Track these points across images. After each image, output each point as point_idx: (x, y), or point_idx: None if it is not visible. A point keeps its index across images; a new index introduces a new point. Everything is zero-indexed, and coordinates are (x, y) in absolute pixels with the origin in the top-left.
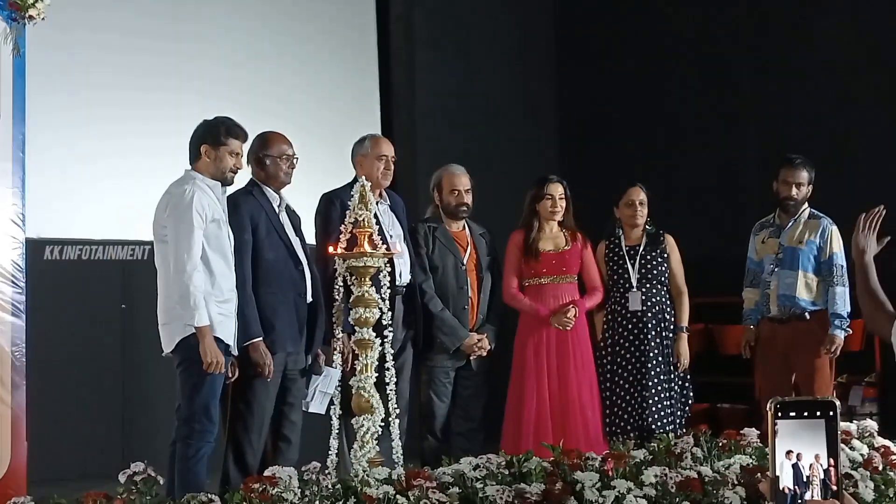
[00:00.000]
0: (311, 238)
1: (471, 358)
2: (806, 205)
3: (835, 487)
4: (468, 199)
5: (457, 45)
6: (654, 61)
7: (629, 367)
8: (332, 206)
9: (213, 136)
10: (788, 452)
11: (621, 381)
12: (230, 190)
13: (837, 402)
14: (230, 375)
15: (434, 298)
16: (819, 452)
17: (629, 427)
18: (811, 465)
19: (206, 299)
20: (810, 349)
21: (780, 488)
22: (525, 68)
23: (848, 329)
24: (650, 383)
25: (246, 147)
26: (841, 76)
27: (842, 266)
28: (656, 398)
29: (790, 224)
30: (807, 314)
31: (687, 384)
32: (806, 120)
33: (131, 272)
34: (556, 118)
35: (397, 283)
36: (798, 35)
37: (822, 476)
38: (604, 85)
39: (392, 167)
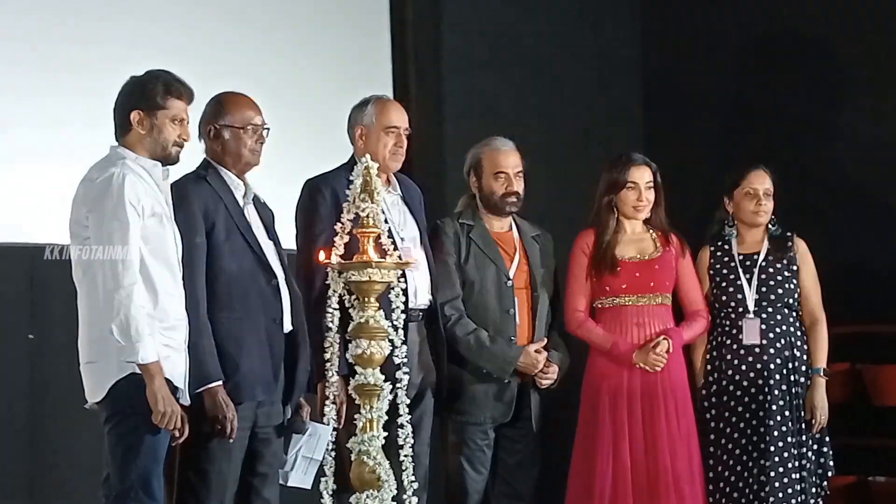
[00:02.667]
0: (289, 242)
1: (523, 395)
2: None
3: None
4: (519, 186)
5: None
6: None
7: (742, 424)
8: (321, 197)
9: (145, 97)
10: None
11: (731, 446)
12: (175, 173)
13: None
14: (178, 434)
15: (464, 319)
16: None
17: None
18: None
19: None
20: None
21: None
22: (596, 7)
23: None
24: (773, 448)
25: (196, 114)
26: None
27: None
28: (780, 469)
29: None
30: None
31: (825, 449)
32: None
33: (43, 289)
34: (640, 75)
35: (411, 304)
36: None
37: None
38: (708, 23)
39: (405, 144)
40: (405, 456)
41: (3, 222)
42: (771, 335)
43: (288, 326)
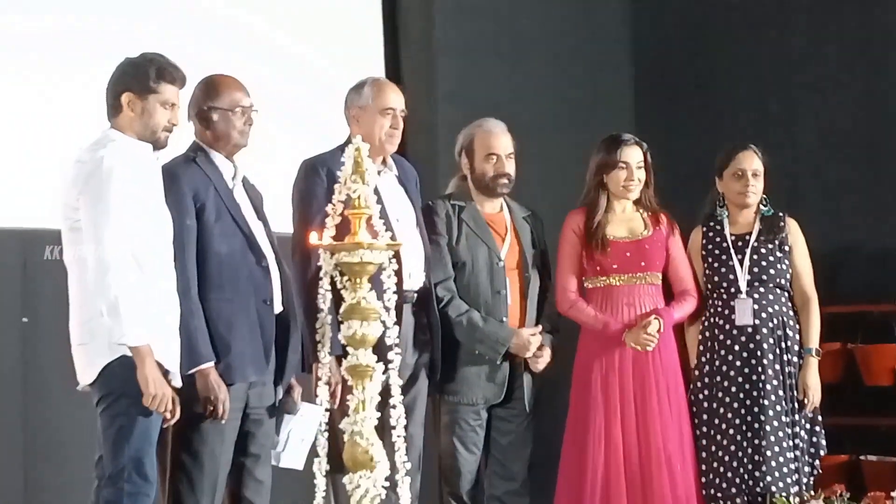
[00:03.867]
0: (281, 224)
1: (515, 376)
2: None
3: None
4: (510, 167)
5: None
6: None
7: (735, 404)
8: (317, 178)
9: (138, 80)
10: None
11: (724, 426)
12: (164, 157)
13: None
14: (169, 416)
15: (455, 300)
16: None
17: (735, 490)
18: None
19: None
20: None
21: None
22: None
23: None
24: (766, 428)
25: (186, 98)
26: None
27: None
28: (775, 449)
29: None
30: None
31: (817, 428)
32: None
33: (35, 272)
34: (631, 56)
35: (405, 286)
36: None
37: None
38: (697, 6)
39: (401, 125)
40: (398, 437)
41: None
42: (763, 315)
43: (278, 307)
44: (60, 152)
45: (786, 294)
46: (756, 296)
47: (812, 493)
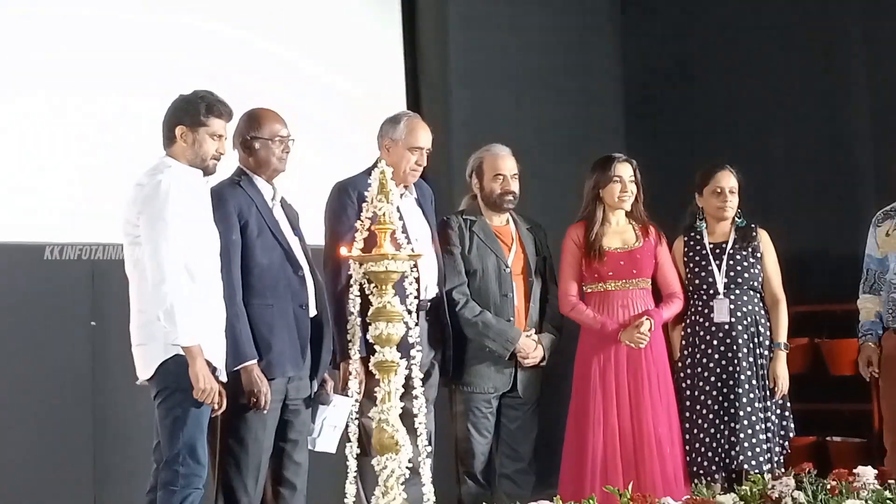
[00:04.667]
0: (314, 238)
1: (520, 368)
2: None
3: None
4: (515, 186)
5: None
6: (744, 12)
7: (714, 392)
8: (347, 199)
9: (190, 115)
10: None
11: (705, 411)
12: (212, 181)
13: None
14: (217, 406)
15: (470, 303)
16: None
17: (714, 467)
18: None
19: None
20: None
21: None
22: (584, 22)
23: None
24: (741, 413)
25: (231, 128)
26: None
27: None
28: (749, 431)
29: None
30: None
31: (787, 413)
32: None
33: (102, 282)
34: (621, 85)
35: (421, 296)
36: None
37: None
38: (680, 43)
39: (425, 162)
40: (419, 423)
41: (67, 223)
42: (738, 314)
43: (313, 311)
44: (123, 176)
45: (758, 295)
46: (732, 297)
47: (783, 470)
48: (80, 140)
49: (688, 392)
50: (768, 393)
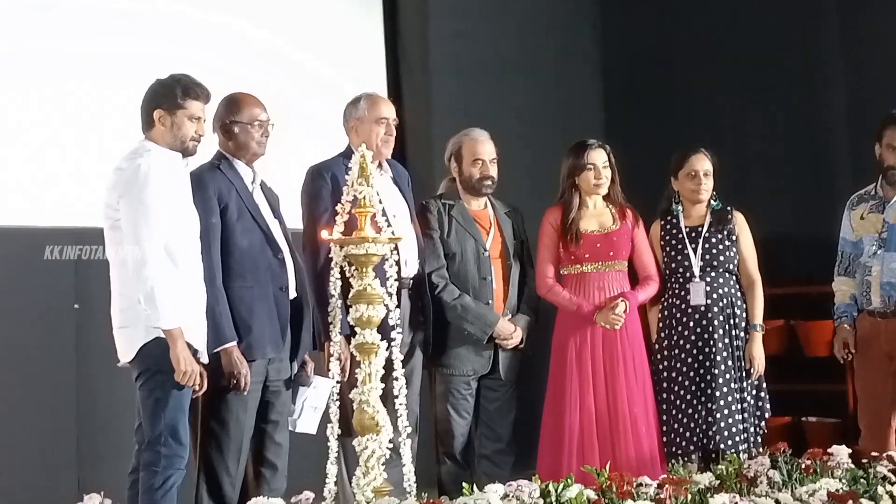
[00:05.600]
0: (295, 221)
1: (499, 350)
2: None
3: None
4: (493, 170)
5: None
6: None
7: (691, 373)
8: (322, 182)
9: (167, 97)
10: None
11: (682, 392)
12: (192, 164)
13: None
14: (198, 388)
15: (449, 286)
16: None
17: (691, 447)
18: None
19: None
20: None
21: None
22: (563, 9)
23: None
24: (717, 394)
25: (210, 110)
26: None
27: None
28: (725, 412)
29: None
30: None
31: (762, 394)
32: None
33: (85, 265)
34: (600, 70)
35: (402, 274)
36: None
37: None
38: (658, 29)
39: (394, 132)
40: (399, 405)
41: (51, 208)
42: (714, 296)
43: (293, 293)
44: (104, 159)
45: (734, 277)
46: (708, 279)
47: (760, 450)
48: (65, 126)
49: (665, 373)
50: (744, 374)
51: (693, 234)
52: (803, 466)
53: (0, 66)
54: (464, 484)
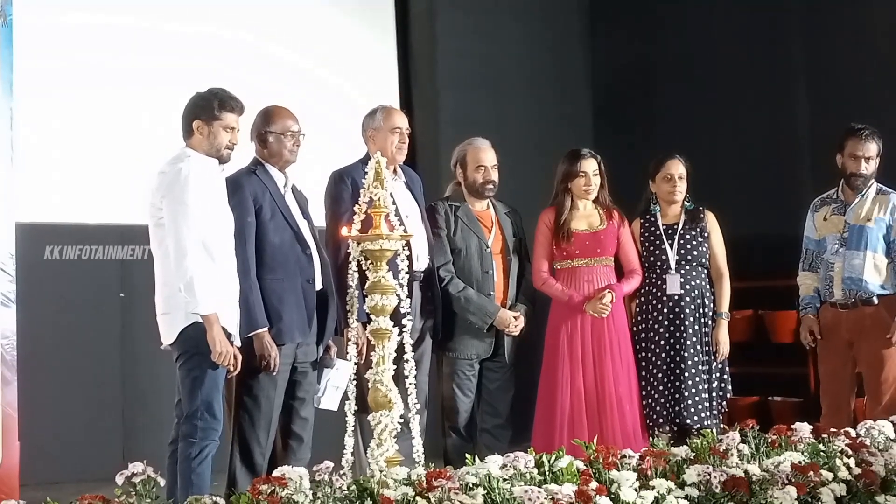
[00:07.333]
0: (319, 220)
1: (504, 337)
2: (873, 179)
3: None
4: (495, 176)
5: (481, 5)
6: (697, 22)
7: (664, 356)
8: (343, 185)
9: (205, 110)
10: None
11: (656, 371)
12: (228, 168)
13: None
14: (232, 368)
15: (455, 280)
16: None
17: (661, 419)
18: None
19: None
20: (878, 337)
21: None
22: (556, 31)
23: None
24: (685, 374)
25: (243, 121)
26: None
27: None
28: (693, 390)
29: (856, 200)
30: (874, 299)
31: (725, 376)
32: (866, 82)
33: (130, 259)
34: (590, 86)
35: (414, 267)
36: None
37: None
38: (641, 49)
39: (407, 140)
40: (410, 384)
41: (102, 206)
42: (687, 287)
43: (319, 285)
44: (151, 165)
45: (705, 271)
46: (682, 272)
47: (724, 426)
48: (116, 134)
49: (642, 354)
50: (711, 357)
51: (669, 232)
52: (770, 441)
53: (68, 81)
54: (467, 455)
